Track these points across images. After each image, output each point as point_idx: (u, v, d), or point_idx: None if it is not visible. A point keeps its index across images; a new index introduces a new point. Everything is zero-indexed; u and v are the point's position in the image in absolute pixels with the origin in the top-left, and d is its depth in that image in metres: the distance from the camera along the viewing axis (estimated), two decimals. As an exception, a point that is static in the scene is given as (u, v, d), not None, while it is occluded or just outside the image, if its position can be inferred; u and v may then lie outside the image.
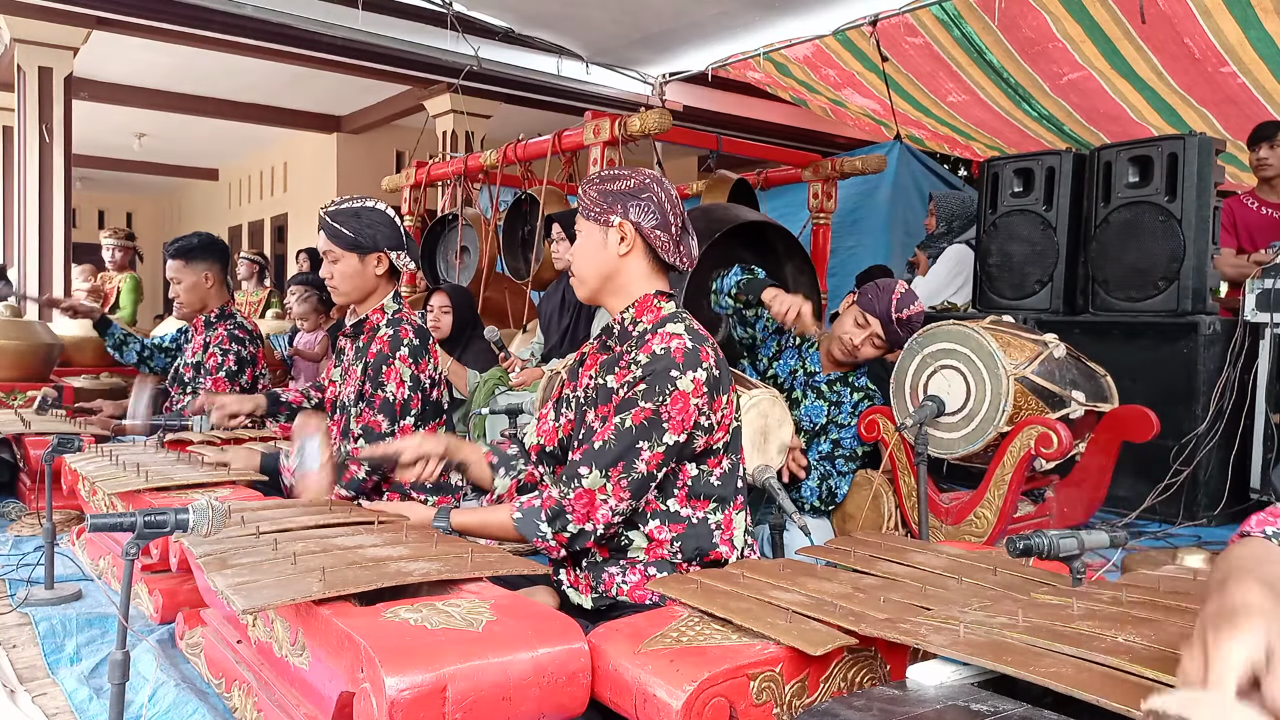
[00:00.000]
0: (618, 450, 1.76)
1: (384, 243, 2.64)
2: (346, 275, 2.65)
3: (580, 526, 1.77)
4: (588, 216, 1.89)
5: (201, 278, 3.69)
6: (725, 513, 1.89)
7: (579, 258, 1.92)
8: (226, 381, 3.58)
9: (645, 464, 1.76)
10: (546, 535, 1.78)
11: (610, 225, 1.87)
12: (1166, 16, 5.06)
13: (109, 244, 6.95)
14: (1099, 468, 2.94)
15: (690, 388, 1.77)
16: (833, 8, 6.07)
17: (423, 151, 6.99)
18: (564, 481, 1.79)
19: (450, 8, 6.72)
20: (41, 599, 2.35)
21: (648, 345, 1.83)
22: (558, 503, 1.78)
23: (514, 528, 1.80)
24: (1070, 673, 1.12)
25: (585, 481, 1.76)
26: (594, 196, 1.89)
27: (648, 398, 1.77)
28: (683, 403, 1.76)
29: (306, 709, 1.52)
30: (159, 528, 1.49)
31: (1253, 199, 4.47)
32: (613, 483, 1.76)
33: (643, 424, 1.75)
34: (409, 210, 6.25)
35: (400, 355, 2.60)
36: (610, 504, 1.77)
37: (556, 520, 1.77)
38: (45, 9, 6.31)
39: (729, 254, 4.15)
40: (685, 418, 1.77)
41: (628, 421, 1.76)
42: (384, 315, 2.70)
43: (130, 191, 15.71)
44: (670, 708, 1.26)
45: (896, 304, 2.88)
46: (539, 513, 1.79)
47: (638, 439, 1.75)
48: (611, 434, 1.77)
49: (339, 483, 2.52)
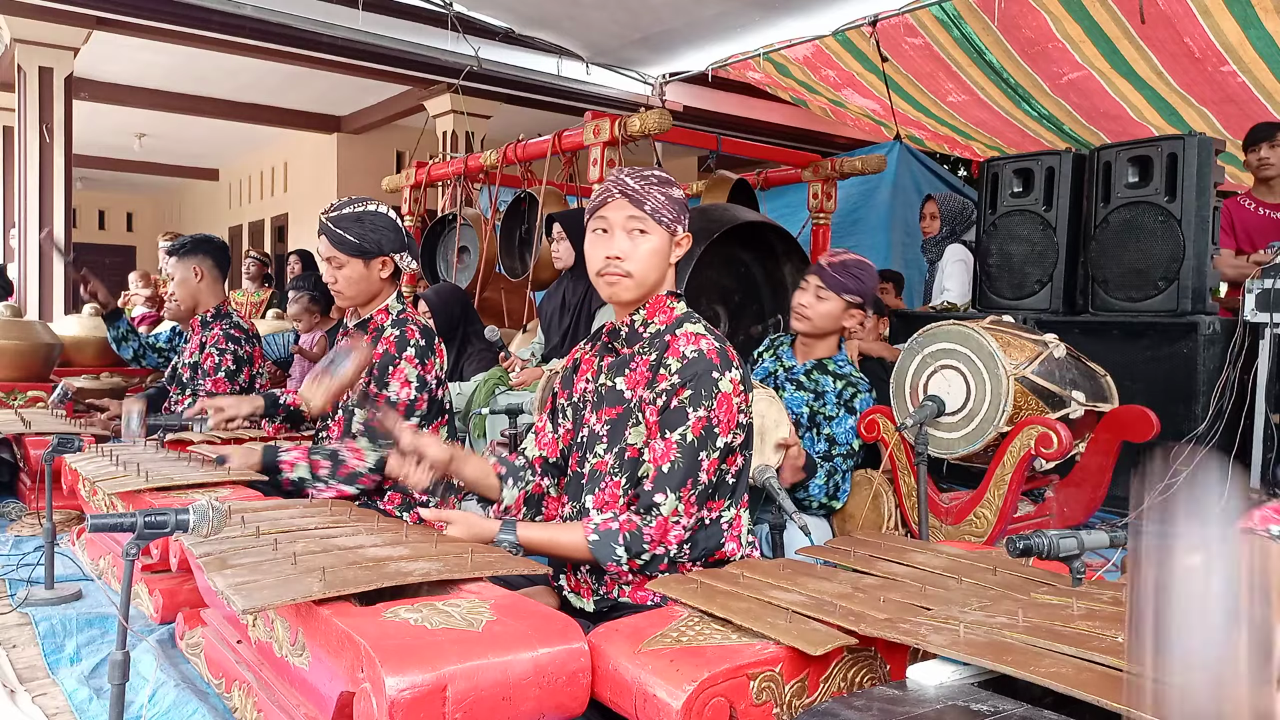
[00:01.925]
0: (685, 468, 1.76)
1: (388, 246, 2.63)
2: (352, 280, 2.63)
3: (654, 552, 1.77)
4: (659, 221, 1.85)
5: (191, 272, 3.67)
6: (735, 510, 1.89)
7: (644, 262, 1.85)
8: (226, 381, 3.57)
9: (706, 473, 1.78)
10: (621, 560, 1.77)
11: (676, 234, 1.88)
12: (1166, 16, 5.06)
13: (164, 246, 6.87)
14: (1099, 468, 2.94)
15: (730, 388, 1.79)
16: (833, 8, 6.07)
17: (423, 152, 7.00)
18: (642, 510, 1.78)
19: (450, 8, 6.72)
20: (41, 599, 2.35)
21: (674, 348, 1.82)
22: (637, 529, 1.76)
23: (588, 550, 1.78)
24: (1070, 673, 1.12)
25: (664, 509, 1.76)
26: (663, 201, 1.85)
27: (696, 404, 1.76)
28: (727, 404, 1.78)
29: (306, 709, 1.52)
30: (159, 528, 1.49)
31: (1250, 200, 4.47)
32: (684, 502, 1.77)
33: (701, 434, 1.76)
34: (409, 210, 6.25)
35: (407, 356, 2.59)
36: (683, 523, 1.78)
37: (634, 546, 1.76)
38: (45, 9, 6.32)
39: (728, 254, 4.15)
40: (730, 418, 1.79)
41: (688, 436, 1.76)
42: (389, 316, 2.69)
43: (130, 191, 15.72)
44: (670, 708, 1.26)
45: (830, 254, 2.95)
46: (616, 536, 1.76)
47: (699, 451, 1.76)
48: (677, 452, 1.77)
49: (337, 477, 2.52)
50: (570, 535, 1.81)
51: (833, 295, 2.87)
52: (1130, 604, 0.90)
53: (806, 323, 2.92)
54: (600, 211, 1.87)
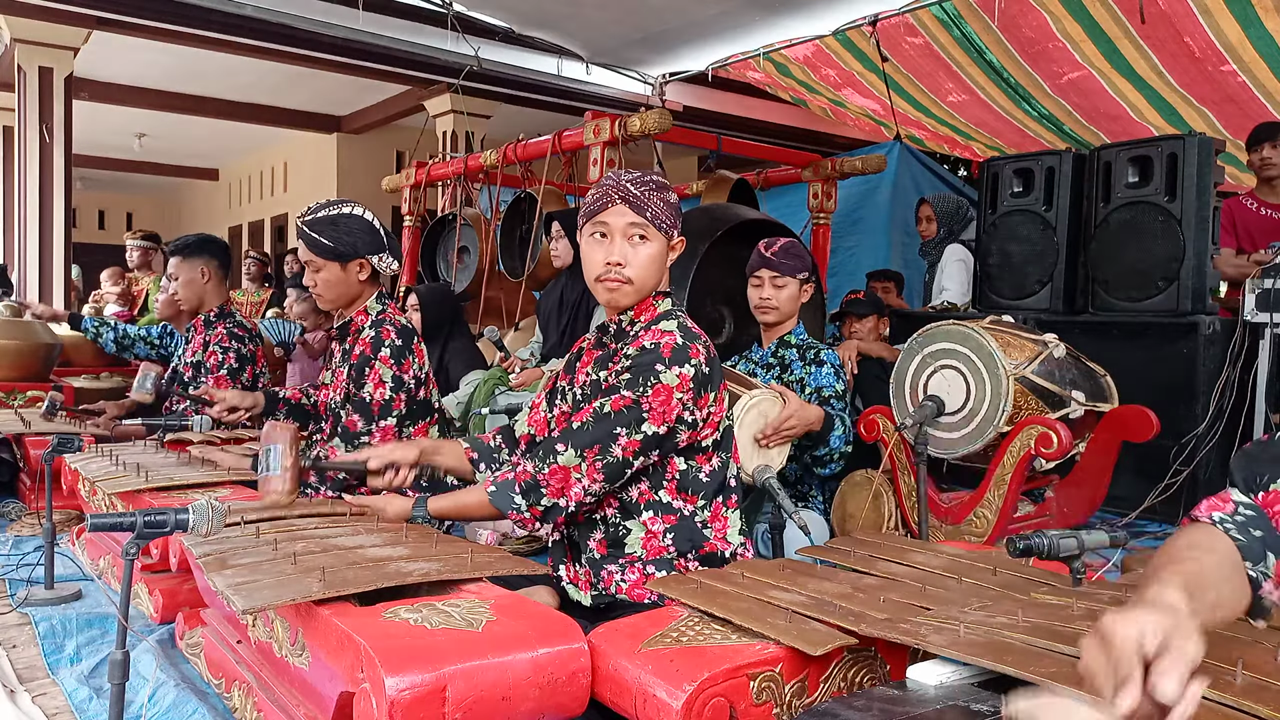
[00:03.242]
0: (595, 433, 1.78)
1: (364, 249, 2.65)
2: (330, 283, 2.68)
3: (554, 500, 1.79)
4: (659, 227, 1.86)
5: (198, 273, 3.69)
6: (714, 509, 1.90)
7: (644, 268, 1.87)
8: (228, 379, 3.58)
9: (621, 449, 1.78)
10: (521, 508, 1.79)
11: (672, 239, 1.91)
12: (1166, 15, 5.06)
13: (130, 245, 6.85)
14: (1099, 468, 2.94)
15: (675, 382, 1.79)
16: (833, 8, 6.07)
17: (423, 152, 6.99)
18: (539, 457, 1.81)
19: (450, 8, 6.72)
20: (41, 599, 2.35)
21: (639, 340, 1.85)
22: (532, 477, 1.79)
23: (489, 503, 1.81)
24: (1070, 673, 1.11)
25: (561, 459, 1.78)
26: (663, 207, 1.87)
27: (630, 387, 1.79)
28: (665, 396, 1.78)
29: (306, 709, 1.52)
30: (159, 528, 1.49)
31: (1252, 200, 4.47)
32: (588, 463, 1.78)
33: (621, 410, 1.78)
34: (409, 210, 6.25)
35: (381, 356, 2.62)
36: (584, 483, 1.79)
37: (531, 494, 1.79)
38: (45, 9, 6.31)
39: (731, 253, 4.15)
40: (666, 410, 1.79)
41: (607, 407, 1.79)
42: (368, 317, 2.73)
43: (130, 191, 15.70)
44: (670, 708, 1.26)
45: (764, 246, 3.01)
46: (513, 485, 1.80)
47: (615, 424, 1.78)
48: (590, 416, 1.80)
49: (323, 485, 2.53)
50: (473, 495, 1.87)
51: (788, 279, 2.97)
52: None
53: (775, 313, 3.01)
54: (600, 216, 1.88)
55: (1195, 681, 0.84)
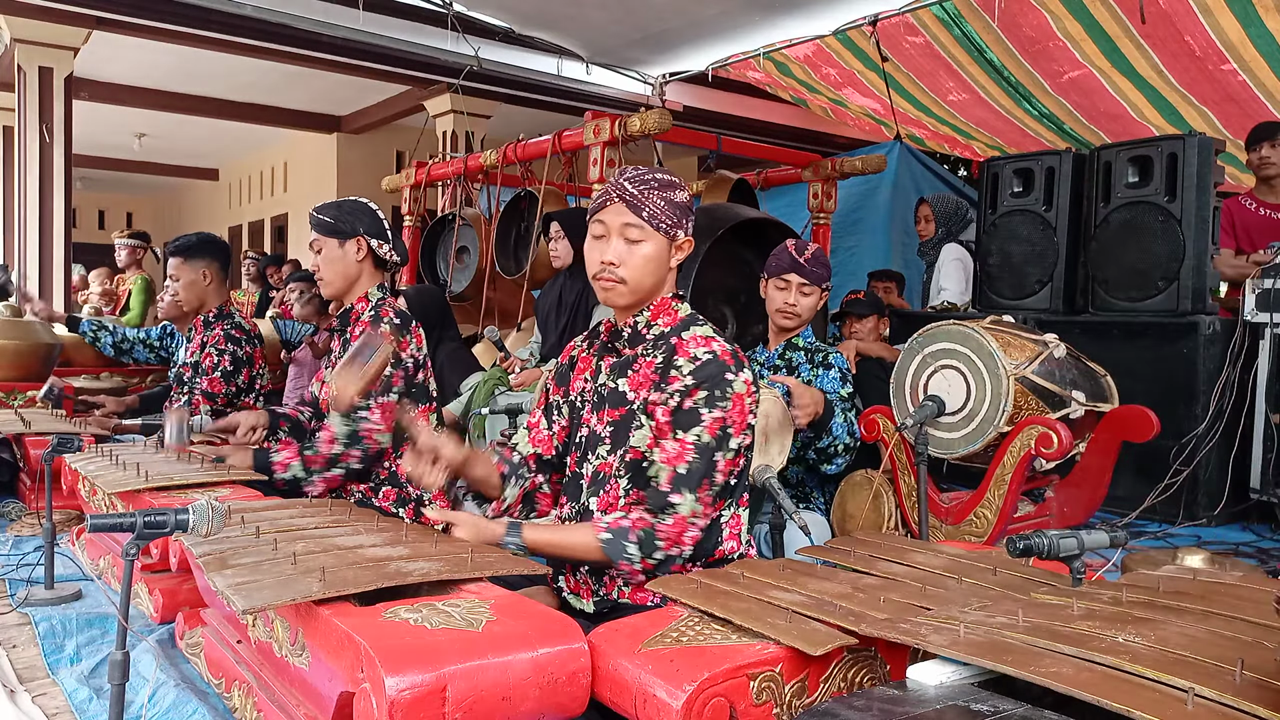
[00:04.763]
0: (701, 468, 1.76)
1: (362, 228, 2.71)
2: (328, 261, 2.72)
3: (667, 552, 1.76)
4: (657, 227, 1.82)
5: (200, 275, 3.69)
6: (734, 510, 1.89)
7: (638, 269, 1.83)
8: (222, 381, 3.58)
9: (722, 474, 1.77)
10: (634, 559, 1.75)
11: (677, 239, 1.87)
12: (1167, 14, 5.06)
13: (118, 244, 6.84)
14: (1099, 468, 2.93)
15: (744, 388, 1.79)
16: (833, 8, 6.07)
17: (423, 151, 7.00)
18: (656, 510, 1.76)
19: (450, 8, 6.72)
20: (41, 599, 2.35)
21: (683, 350, 1.82)
22: (651, 528, 1.75)
23: (599, 549, 1.76)
24: (1070, 673, 1.12)
25: (681, 509, 1.75)
26: (662, 207, 1.82)
27: (711, 405, 1.76)
28: (740, 404, 1.78)
29: (306, 709, 1.52)
30: (159, 528, 1.49)
31: (1251, 200, 4.47)
32: (702, 504, 1.76)
33: (717, 434, 1.76)
34: (409, 210, 6.25)
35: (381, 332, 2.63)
36: (699, 524, 1.77)
37: (646, 545, 1.74)
38: (45, 9, 6.31)
39: (732, 253, 4.15)
40: (743, 418, 1.79)
41: (704, 436, 1.76)
42: (368, 303, 2.76)
43: (130, 191, 15.71)
44: (670, 708, 1.26)
45: (796, 249, 2.97)
46: (627, 534, 1.75)
47: (714, 451, 1.76)
48: (694, 453, 1.76)
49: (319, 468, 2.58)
50: (579, 536, 1.80)
51: (815, 288, 2.96)
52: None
53: (796, 319, 2.99)
54: (599, 215, 1.86)
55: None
